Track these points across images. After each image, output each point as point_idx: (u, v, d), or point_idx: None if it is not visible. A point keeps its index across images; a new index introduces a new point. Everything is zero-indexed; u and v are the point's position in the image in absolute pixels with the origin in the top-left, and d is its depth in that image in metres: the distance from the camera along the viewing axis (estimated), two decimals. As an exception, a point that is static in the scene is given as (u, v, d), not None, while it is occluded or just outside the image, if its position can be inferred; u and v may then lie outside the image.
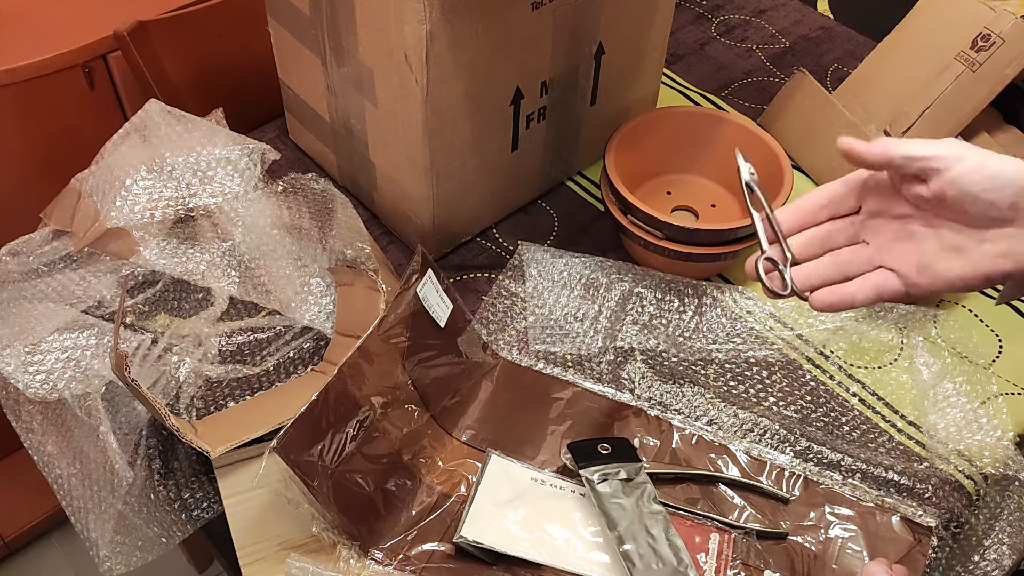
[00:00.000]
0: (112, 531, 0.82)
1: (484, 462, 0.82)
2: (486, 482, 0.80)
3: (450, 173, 0.94)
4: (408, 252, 1.03)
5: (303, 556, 0.73)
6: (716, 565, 0.76)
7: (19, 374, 0.84)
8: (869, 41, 1.34)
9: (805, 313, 0.95)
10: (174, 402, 0.87)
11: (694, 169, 1.06)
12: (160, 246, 0.98)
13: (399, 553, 0.76)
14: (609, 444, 0.81)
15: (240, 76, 1.28)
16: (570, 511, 0.79)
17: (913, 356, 0.93)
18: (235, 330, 0.94)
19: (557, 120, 1.02)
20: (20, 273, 0.96)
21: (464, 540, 0.75)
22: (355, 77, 0.93)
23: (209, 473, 0.83)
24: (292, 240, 0.97)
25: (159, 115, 1.00)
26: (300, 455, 0.71)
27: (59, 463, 0.85)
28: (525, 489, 0.80)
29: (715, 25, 1.38)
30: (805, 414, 0.89)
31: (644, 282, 0.96)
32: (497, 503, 0.79)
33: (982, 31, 1.06)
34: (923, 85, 1.09)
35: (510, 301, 0.96)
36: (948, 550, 0.80)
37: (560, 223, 1.07)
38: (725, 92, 1.26)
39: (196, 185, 0.98)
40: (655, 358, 0.92)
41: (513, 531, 0.77)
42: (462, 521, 0.77)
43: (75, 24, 1.24)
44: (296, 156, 1.14)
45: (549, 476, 0.82)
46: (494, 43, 0.87)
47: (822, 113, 1.11)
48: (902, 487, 0.83)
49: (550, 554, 0.76)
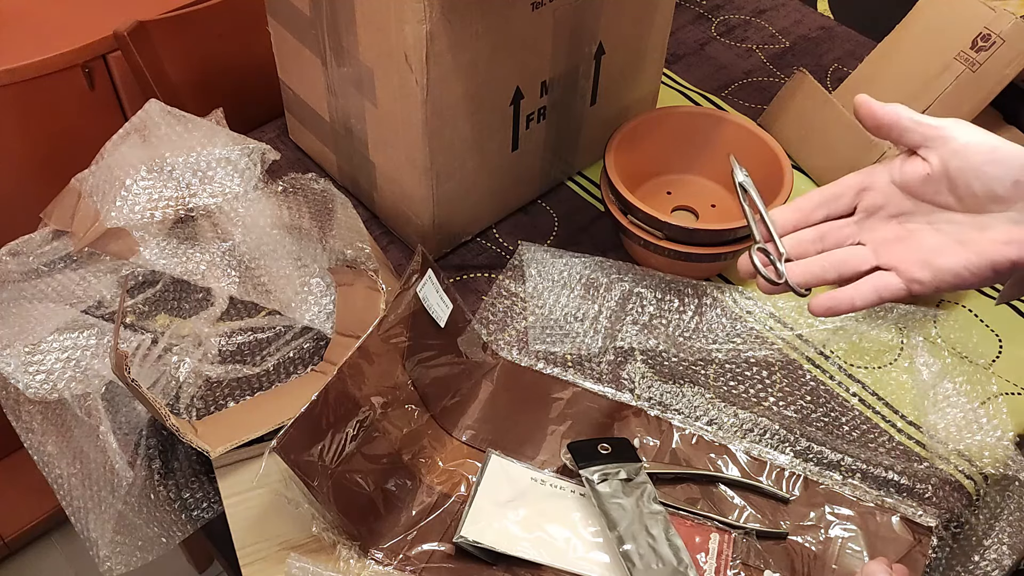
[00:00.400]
0: (112, 531, 0.82)
1: (484, 462, 0.82)
2: (486, 482, 0.80)
3: (450, 173, 0.94)
4: (408, 252, 1.03)
5: (303, 556, 0.73)
6: (716, 565, 0.76)
7: (19, 374, 0.84)
8: (869, 41, 1.34)
9: (805, 313, 0.95)
10: (174, 402, 0.87)
11: (694, 169, 1.06)
12: (160, 246, 0.98)
13: (399, 553, 0.76)
14: (609, 444, 0.81)
15: (240, 76, 1.28)
16: (570, 511, 0.79)
17: (913, 356, 0.93)
18: (235, 330, 0.94)
19: (557, 120, 1.02)
20: (20, 273, 0.96)
21: (464, 540, 0.75)
22: (355, 77, 0.93)
23: (209, 473, 0.83)
24: (292, 240, 0.97)
25: (159, 115, 1.00)
26: (300, 455, 0.71)
27: (59, 463, 0.85)
28: (525, 489, 0.80)
29: (715, 25, 1.38)
30: (805, 414, 0.89)
31: (644, 282, 0.96)
32: (497, 503, 0.79)
33: (982, 31, 1.06)
34: (923, 85, 1.09)
35: (510, 301, 0.96)
36: (948, 550, 0.80)
37: (560, 223, 1.07)
38: (725, 92, 1.26)
39: (196, 185, 0.98)
40: (655, 358, 0.92)
41: (513, 531, 0.77)
42: (462, 521, 0.77)
43: (75, 24, 1.24)
44: (296, 156, 1.14)
45: (549, 476, 0.82)
46: (494, 43, 0.87)
47: (822, 113, 1.11)
48: (902, 487, 0.83)
49: (550, 554, 0.76)
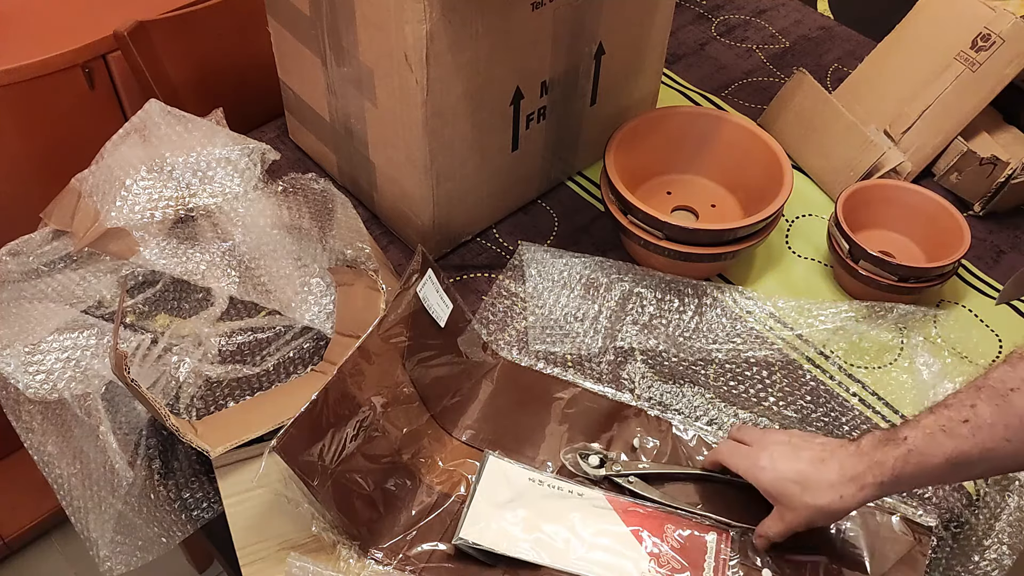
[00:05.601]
0: (112, 531, 0.82)
1: (481, 463, 0.82)
2: (484, 483, 0.80)
3: (450, 173, 0.94)
4: (408, 252, 1.03)
5: (303, 556, 0.73)
6: (715, 564, 0.76)
7: (19, 374, 0.84)
8: (869, 41, 1.34)
9: (805, 313, 0.95)
10: (174, 402, 0.87)
11: (694, 169, 1.06)
12: (160, 246, 0.98)
13: (399, 553, 0.76)
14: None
15: (240, 76, 1.28)
16: (569, 511, 0.79)
17: (913, 356, 0.93)
18: (235, 330, 0.94)
19: (557, 120, 1.02)
20: (20, 273, 0.96)
21: (463, 542, 0.75)
22: (355, 77, 0.93)
23: (209, 473, 0.83)
24: (292, 240, 0.97)
25: (159, 115, 1.00)
26: (300, 455, 0.71)
27: (59, 463, 0.85)
28: (523, 490, 0.80)
29: (715, 25, 1.38)
30: (805, 414, 0.89)
31: (644, 282, 0.96)
32: (496, 504, 0.79)
33: (982, 31, 1.06)
34: (923, 85, 1.09)
35: (510, 301, 0.96)
36: (948, 550, 0.80)
37: (560, 223, 1.07)
38: (725, 92, 1.26)
39: (196, 185, 0.98)
40: (655, 358, 0.92)
41: (512, 532, 0.77)
42: (461, 523, 0.77)
43: (75, 24, 1.24)
44: (296, 156, 1.14)
45: (548, 477, 0.82)
46: (494, 43, 0.87)
47: (822, 113, 1.11)
48: (902, 487, 0.83)
49: (549, 555, 0.76)
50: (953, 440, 0.67)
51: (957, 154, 1.09)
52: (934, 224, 0.99)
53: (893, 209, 1.01)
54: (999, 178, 1.05)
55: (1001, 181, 1.05)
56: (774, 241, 1.05)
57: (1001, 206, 1.09)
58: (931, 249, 0.99)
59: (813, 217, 1.09)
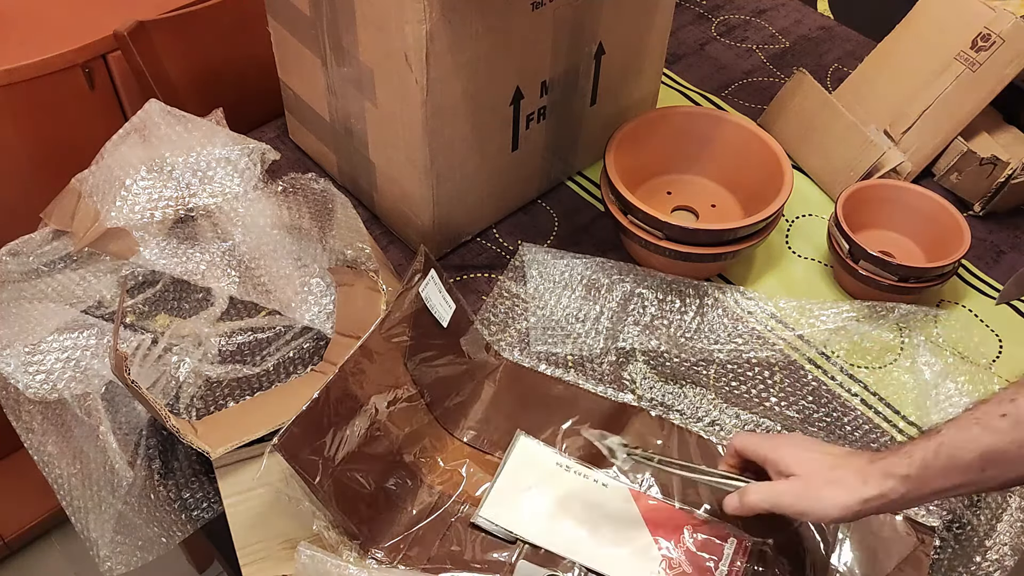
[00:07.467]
0: (112, 531, 0.82)
1: (512, 442, 0.83)
2: (511, 463, 0.81)
3: (450, 173, 0.94)
4: (408, 252, 1.03)
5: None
6: (728, 571, 0.76)
7: (19, 374, 0.84)
8: (869, 41, 1.34)
9: (806, 313, 0.95)
10: (174, 402, 0.87)
11: (694, 169, 1.06)
12: (160, 246, 0.98)
13: (399, 552, 0.76)
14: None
15: (240, 76, 1.28)
16: (592, 503, 0.80)
17: (914, 356, 0.93)
18: (235, 330, 0.94)
19: (557, 120, 1.02)
20: (20, 273, 0.96)
21: (484, 520, 0.76)
22: (355, 77, 0.93)
23: (209, 473, 0.83)
24: (292, 240, 0.97)
25: (159, 115, 1.00)
26: (301, 453, 0.71)
27: (59, 463, 0.85)
28: (549, 474, 0.81)
29: (715, 25, 1.38)
30: (807, 415, 0.89)
31: (645, 283, 0.96)
32: (520, 487, 0.80)
33: (982, 31, 1.06)
34: (923, 85, 1.09)
35: (511, 302, 0.96)
36: (950, 551, 0.80)
37: (560, 223, 1.07)
38: (725, 92, 1.26)
39: (196, 185, 0.98)
40: (657, 359, 0.92)
41: (532, 517, 0.78)
42: (482, 501, 0.78)
43: (75, 24, 1.24)
44: (296, 156, 1.14)
45: (574, 463, 0.82)
46: (494, 43, 0.87)
47: (822, 113, 1.11)
48: (903, 487, 0.83)
49: (564, 545, 0.77)
50: (988, 434, 0.62)
51: (957, 154, 1.09)
52: (934, 224, 0.99)
53: (893, 209, 1.01)
54: (999, 178, 1.05)
55: (1001, 181, 1.05)
56: (774, 241, 1.05)
57: (1001, 206, 1.09)
58: (931, 249, 0.99)
59: (813, 217, 1.09)
